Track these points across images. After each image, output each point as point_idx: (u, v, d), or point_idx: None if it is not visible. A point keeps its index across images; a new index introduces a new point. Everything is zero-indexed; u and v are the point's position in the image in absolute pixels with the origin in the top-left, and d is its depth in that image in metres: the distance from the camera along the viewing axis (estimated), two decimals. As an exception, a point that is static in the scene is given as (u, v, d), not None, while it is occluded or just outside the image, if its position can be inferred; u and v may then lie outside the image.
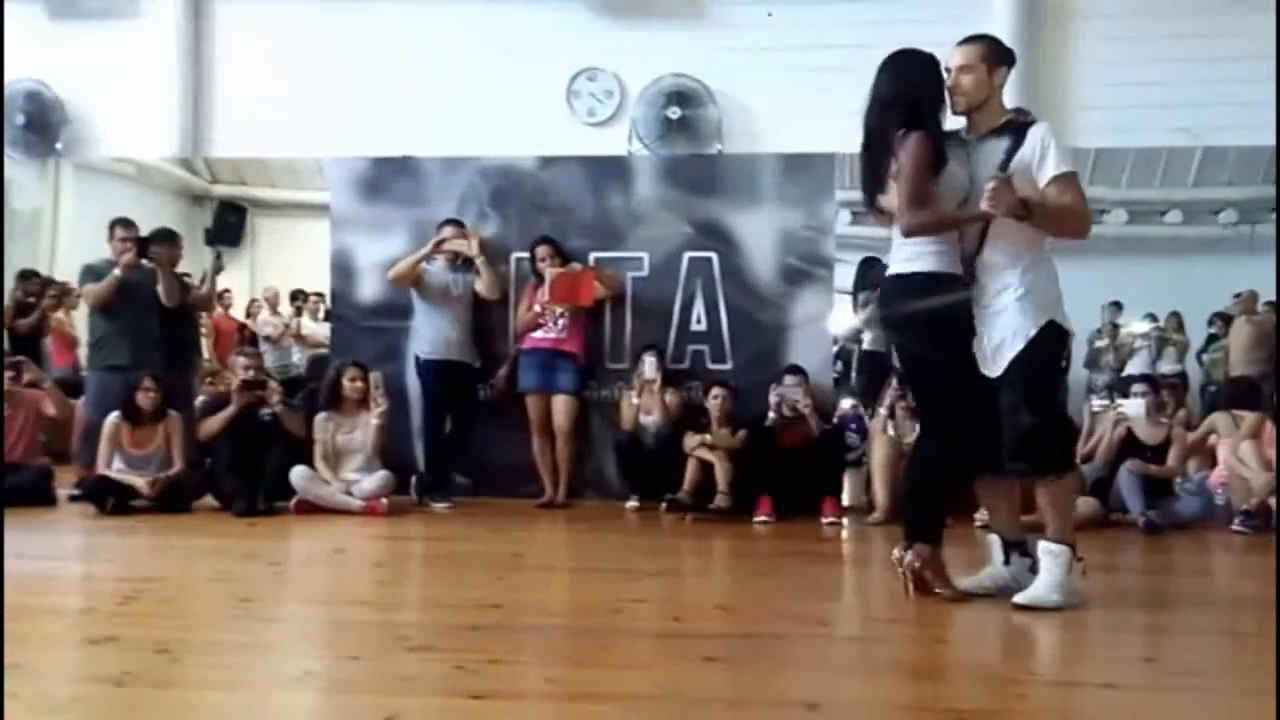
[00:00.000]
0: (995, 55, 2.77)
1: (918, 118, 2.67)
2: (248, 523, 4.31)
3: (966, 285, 2.72)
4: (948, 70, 2.74)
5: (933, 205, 2.67)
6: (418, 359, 5.08)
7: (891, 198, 2.73)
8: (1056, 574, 2.69)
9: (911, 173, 2.63)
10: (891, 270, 2.81)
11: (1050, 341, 2.70)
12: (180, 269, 5.21)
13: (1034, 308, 2.67)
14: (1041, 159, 2.65)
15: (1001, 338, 2.68)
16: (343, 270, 5.43)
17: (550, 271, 4.91)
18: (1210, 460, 4.96)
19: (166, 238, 5.18)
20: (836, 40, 6.45)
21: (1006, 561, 2.85)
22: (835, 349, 5.29)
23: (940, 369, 2.76)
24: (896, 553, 2.82)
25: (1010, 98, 6.86)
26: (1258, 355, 6.79)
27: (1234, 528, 4.40)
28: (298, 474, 4.56)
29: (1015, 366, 2.65)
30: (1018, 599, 2.69)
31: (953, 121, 2.81)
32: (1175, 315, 7.68)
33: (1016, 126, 2.73)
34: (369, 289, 5.36)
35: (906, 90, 2.71)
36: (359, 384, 4.78)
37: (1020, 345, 2.65)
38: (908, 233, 2.67)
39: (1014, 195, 2.58)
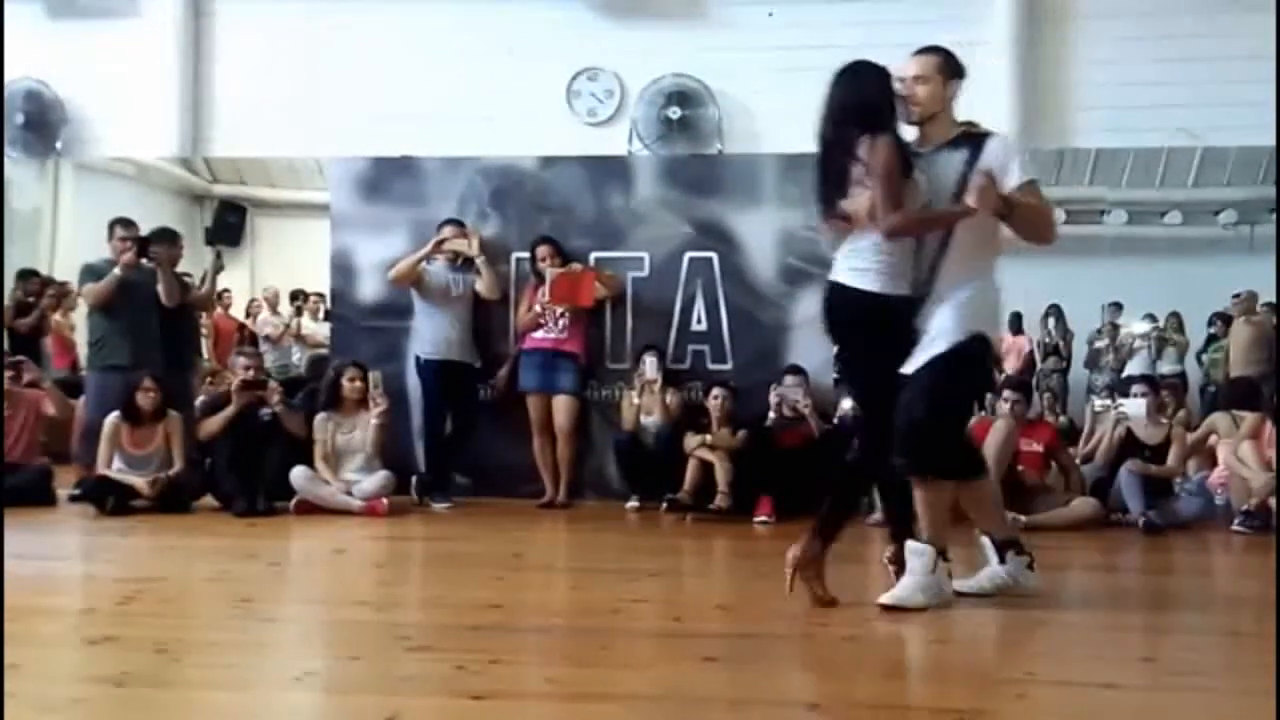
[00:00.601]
0: (949, 68, 2.79)
1: (878, 125, 2.69)
2: (248, 523, 4.31)
3: (912, 305, 2.72)
4: (901, 80, 2.76)
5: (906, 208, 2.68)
6: (418, 359, 5.08)
7: (855, 201, 2.71)
8: (918, 574, 2.69)
9: (886, 174, 2.63)
10: (839, 279, 2.78)
11: (971, 356, 2.70)
12: (180, 269, 5.21)
13: (967, 317, 2.69)
14: (1004, 167, 2.68)
15: (930, 338, 2.69)
16: (343, 270, 5.43)
17: (550, 272, 4.91)
18: (1210, 461, 4.96)
19: (167, 237, 5.17)
20: (836, 40, 6.41)
21: (1002, 561, 2.85)
22: (836, 349, 5.27)
23: (880, 383, 2.75)
24: (889, 553, 2.84)
25: (1010, 98, 6.88)
26: (1257, 356, 6.80)
27: (1234, 528, 4.39)
28: (298, 474, 4.56)
29: (929, 365, 2.66)
30: (882, 599, 2.70)
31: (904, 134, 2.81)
32: (1175, 316, 7.69)
33: (973, 138, 2.75)
34: (369, 289, 5.35)
35: (864, 100, 2.73)
36: (358, 384, 4.78)
37: (942, 347, 2.65)
38: (891, 233, 2.65)
39: (997, 192, 2.60)
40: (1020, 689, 2.08)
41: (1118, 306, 7.84)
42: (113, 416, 4.66)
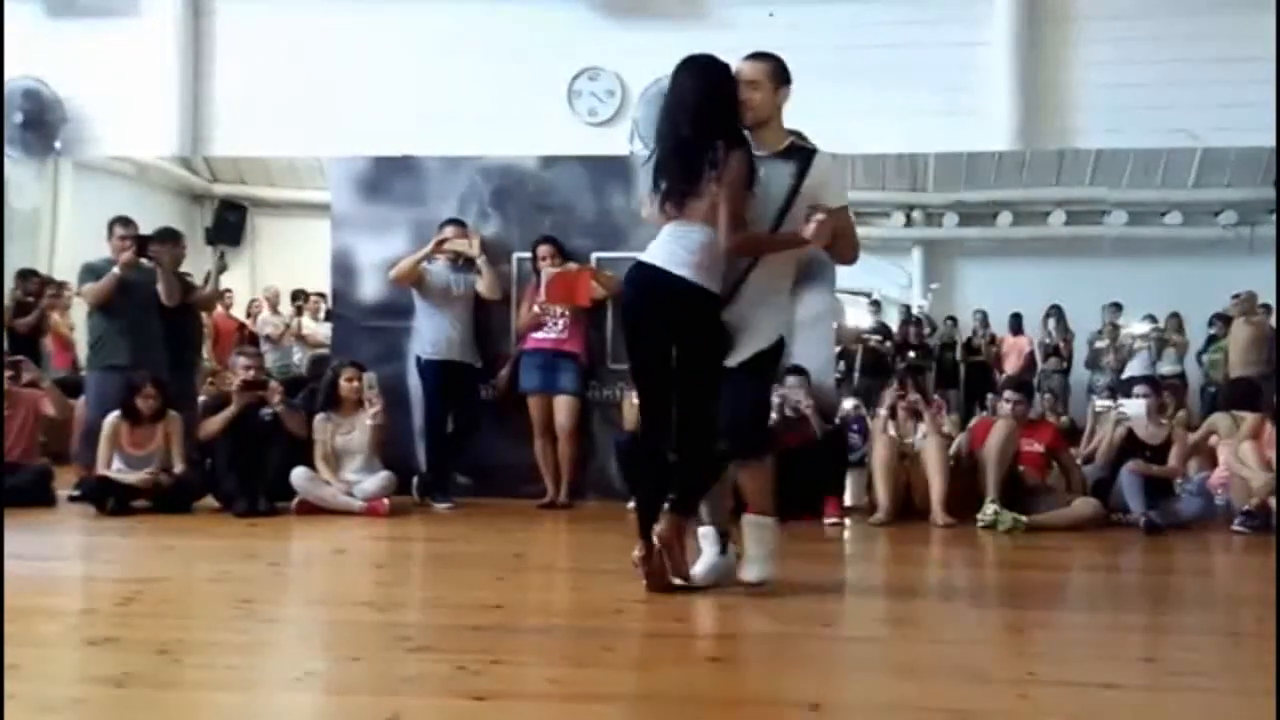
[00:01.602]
0: (779, 75, 2.86)
1: (733, 130, 2.77)
2: (248, 523, 4.31)
3: (719, 302, 2.81)
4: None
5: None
6: (419, 359, 5.07)
7: (703, 203, 2.77)
8: (770, 543, 2.87)
9: (735, 194, 2.73)
10: (656, 261, 2.84)
11: (776, 355, 2.93)
12: (181, 269, 5.21)
13: (778, 320, 2.91)
14: (826, 189, 2.83)
15: (752, 334, 2.83)
16: (343, 270, 5.43)
17: (547, 271, 4.91)
18: (1211, 461, 4.96)
19: (169, 237, 5.18)
20: (836, 41, 6.45)
21: (723, 551, 2.98)
22: (837, 349, 5.28)
23: (710, 378, 2.84)
24: (637, 554, 2.86)
25: (1010, 98, 6.86)
26: (1256, 356, 6.81)
27: (1234, 528, 4.39)
28: (298, 475, 4.56)
29: (753, 360, 2.84)
30: (748, 578, 2.82)
31: None
32: (1175, 316, 7.71)
33: (802, 151, 2.86)
34: (370, 289, 5.35)
35: (723, 103, 2.77)
36: (356, 384, 4.77)
37: (763, 345, 2.84)
38: (732, 252, 2.77)
39: (831, 229, 2.76)
40: (1020, 689, 2.07)
41: (1118, 307, 7.86)
42: (112, 416, 4.65)
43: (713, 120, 2.76)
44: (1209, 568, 4.02)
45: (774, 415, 4.68)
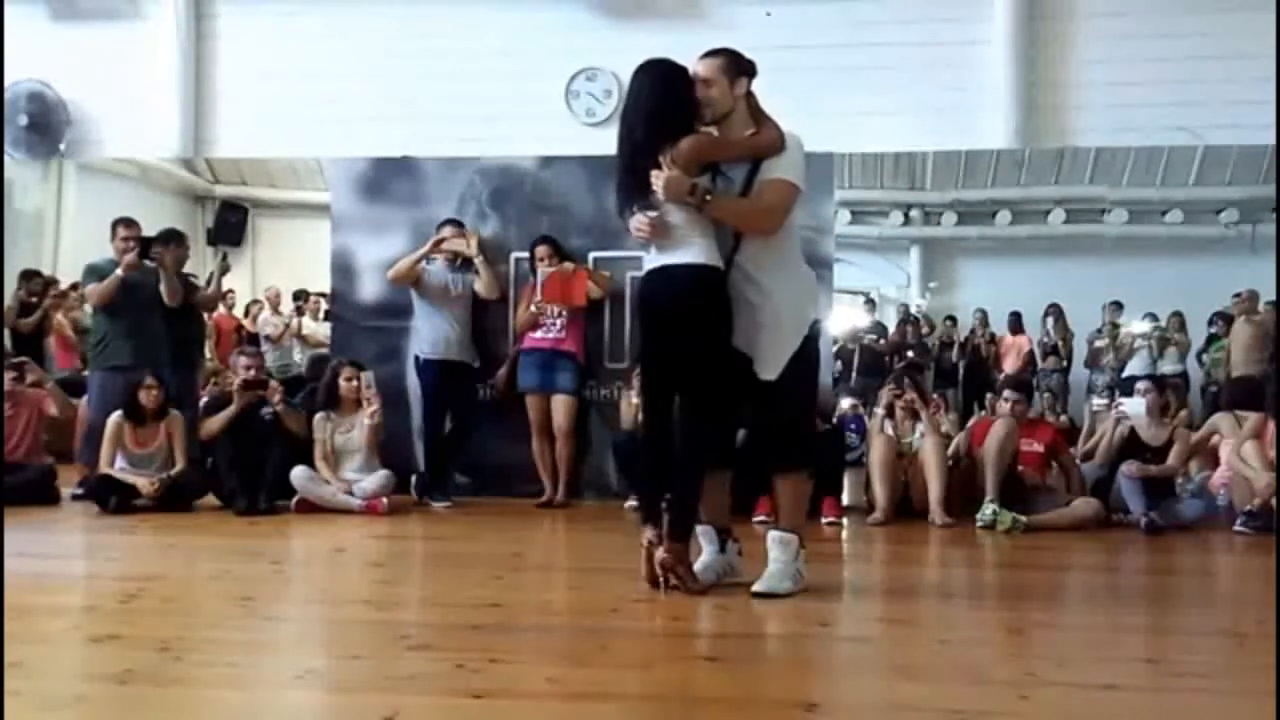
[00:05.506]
0: (735, 68, 2.86)
1: (689, 131, 2.78)
2: (249, 522, 4.32)
3: (725, 276, 2.79)
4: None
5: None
6: (417, 359, 5.09)
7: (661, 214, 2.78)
8: (785, 561, 2.85)
9: (736, 146, 2.80)
10: (657, 264, 2.86)
11: (812, 338, 2.87)
12: (184, 269, 5.23)
13: (804, 310, 2.85)
14: (777, 159, 2.80)
15: (775, 340, 2.79)
16: (343, 270, 5.44)
17: (543, 271, 4.91)
18: (1212, 461, 4.95)
19: (172, 238, 5.19)
20: (836, 40, 6.46)
21: (723, 550, 2.99)
22: (835, 349, 5.28)
23: (708, 360, 2.79)
24: (650, 536, 2.85)
25: (1010, 98, 6.88)
26: (1258, 355, 6.80)
27: (1236, 528, 4.38)
28: (298, 474, 4.57)
29: (790, 370, 2.80)
30: (756, 588, 2.80)
31: None
32: (1177, 315, 7.70)
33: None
34: (369, 289, 5.36)
35: (679, 107, 2.78)
36: (354, 383, 4.78)
37: (793, 349, 2.80)
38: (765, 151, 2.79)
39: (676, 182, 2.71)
40: (1021, 689, 2.08)
41: (1118, 306, 7.85)
42: (115, 416, 4.67)
43: (667, 122, 2.76)
44: (1210, 568, 4.01)
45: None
